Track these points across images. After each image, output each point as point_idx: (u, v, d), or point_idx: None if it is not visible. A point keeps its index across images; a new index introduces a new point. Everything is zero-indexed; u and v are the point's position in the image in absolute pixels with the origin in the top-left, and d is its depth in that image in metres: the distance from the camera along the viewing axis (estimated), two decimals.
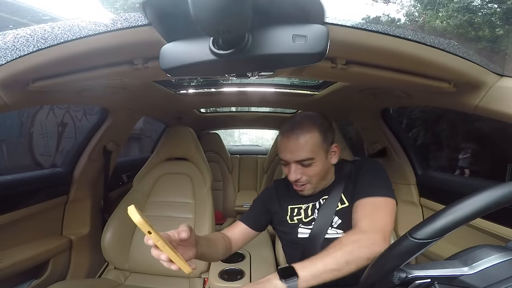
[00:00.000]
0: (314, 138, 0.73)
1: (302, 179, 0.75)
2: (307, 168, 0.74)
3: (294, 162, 0.74)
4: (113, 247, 1.18)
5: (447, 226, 0.37)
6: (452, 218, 0.38)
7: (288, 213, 0.81)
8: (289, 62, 0.43)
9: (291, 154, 0.73)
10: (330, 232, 0.75)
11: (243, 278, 0.85)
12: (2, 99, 0.65)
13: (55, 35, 0.53)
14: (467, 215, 0.37)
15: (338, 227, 0.76)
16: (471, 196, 0.38)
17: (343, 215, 0.76)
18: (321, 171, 0.76)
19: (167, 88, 1.22)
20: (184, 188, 1.32)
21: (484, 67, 0.60)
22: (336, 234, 0.75)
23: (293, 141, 0.73)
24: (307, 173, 0.74)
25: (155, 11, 0.44)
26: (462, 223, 0.37)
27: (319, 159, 0.74)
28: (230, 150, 2.59)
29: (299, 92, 1.41)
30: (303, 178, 0.75)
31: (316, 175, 0.75)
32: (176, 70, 0.44)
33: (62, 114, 3.56)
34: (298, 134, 0.73)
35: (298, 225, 0.79)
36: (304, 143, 0.72)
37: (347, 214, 0.74)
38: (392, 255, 0.43)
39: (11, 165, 2.98)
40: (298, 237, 0.78)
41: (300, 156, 0.72)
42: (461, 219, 0.37)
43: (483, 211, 0.37)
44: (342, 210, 0.76)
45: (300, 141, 0.72)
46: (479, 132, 3.41)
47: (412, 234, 0.39)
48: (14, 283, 0.98)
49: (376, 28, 0.49)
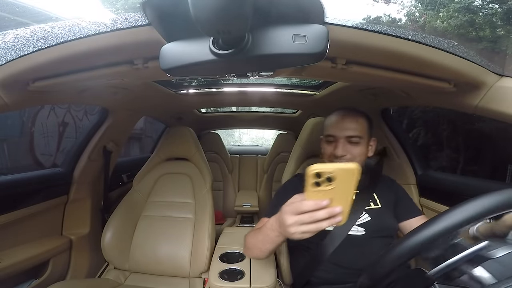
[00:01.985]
0: (365, 122, 0.84)
1: (347, 156, 0.80)
2: (354, 146, 0.80)
3: (344, 137, 0.80)
4: (113, 247, 1.18)
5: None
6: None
7: None
8: (289, 62, 0.43)
9: (343, 130, 0.81)
10: (353, 229, 0.78)
11: (243, 278, 0.85)
12: (2, 99, 0.65)
13: (55, 35, 0.53)
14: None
15: (362, 225, 0.78)
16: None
17: (374, 215, 0.80)
18: (363, 154, 0.82)
19: (167, 88, 1.22)
20: (184, 188, 1.32)
21: (484, 67, 0.60)
22: (358, 231, 0.78)
23: (348, 119, 0.82)
24: (352, 152, 0.80)
25: (155, 11, 0.44)
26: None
27: (364, 143, 0.82)
28: (230, 150, 2.58)
29: (299, 92, 1.41)
30: (348, 156, 0.80)
31: (359, 155, 0.81)
32: (176, 70, 0.44)
33: (63, 114, 3.56)
34: (354, 115, 0.83)
35: None
36: (357, 123, 0.81)
37: (378, 215, 0.80)
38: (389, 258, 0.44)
39: (12, 165, 2.98)
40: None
41: (352, 132, 0.80)
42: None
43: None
44: (373, 210, 0.81)
45: (355, 120, 0.82)
46: (480, 132, 3.40)
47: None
48: (14, 283, 0.98)
49: (376, 28, 0.49)
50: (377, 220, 0.79)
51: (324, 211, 0.44)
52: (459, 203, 0.40)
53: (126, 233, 1.22)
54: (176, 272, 1.17)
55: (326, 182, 0.43)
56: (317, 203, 0.44)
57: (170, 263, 1.17)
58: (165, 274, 1.18)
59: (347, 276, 0.74)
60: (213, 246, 1.13)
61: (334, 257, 0.75)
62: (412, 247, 0.40)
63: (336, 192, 0.43)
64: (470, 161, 3.60)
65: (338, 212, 0.44)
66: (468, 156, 3.64)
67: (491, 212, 0.37)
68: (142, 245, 1.20)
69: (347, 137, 0.80)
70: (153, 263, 1.18)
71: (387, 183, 0.91)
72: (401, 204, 0.85)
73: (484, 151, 3.45)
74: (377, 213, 0.80)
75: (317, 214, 0.45)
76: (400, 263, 0.42)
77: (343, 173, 0.42)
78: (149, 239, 1.21)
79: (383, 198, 0.84)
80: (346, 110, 0.85)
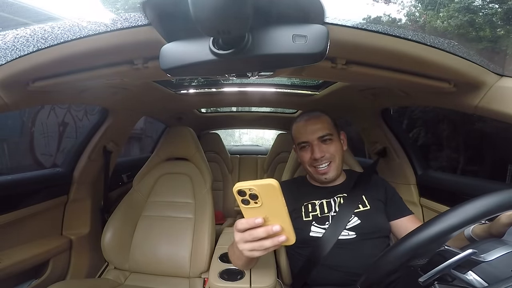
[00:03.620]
0: (328, 119, 0.86)
1: (326, 156, 0.81)
2: (328, 145, 0.82)
3: (316, 140, 0.82)
4: (113, 247, 1.18)
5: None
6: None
7: (303, 209, 0.83)
8: (289, 62, 0.43)
9: (312, 133, 0.82)
10: (343, 233, 0.76)
11: (243, 278, 0.85)
12: (2, 99, 0.65)
13: (55, 35, 0.53)
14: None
15: (352, 228, 0.77)
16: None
17: (363, 217, 0.78)
18: (339, 150, 0.84)
19: (167, 88, 1.22)
20: (184, 188, 1.32)
21: (484, 67, 0.60)
22: (348, 236, 0.76)
23: (312, 120, 0.84)
24: (329, 150, 0.82)
25: (155, 11, 0.44)
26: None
27: (335, 139, 0.84)
28: (230, 150, 2.58)
29: (299, 92, 1.41)
30: (327, 155, 0.81)
31: (337, 152, 0.83)
32: (176, 70, 0.44)
33: (63, 114, 3.56)
34: (315, 116, 0.85)
35: (311, 223, 0.80)
36: (321, 122, 0.83)
37: (368, 217, 0.78)
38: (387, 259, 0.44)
39: (12, 165, 2.98)
40: (310, 235, 0.78)
41: (320, 132, 0.82)
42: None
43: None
44: (362, 212, 0.79)
45: (319, 120, 0.84)
46: (480, 132, 3.40)
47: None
48: (14, 283, 0.98)
49: (376, 28, 0.49)
50: (368, 223, 0.78)
51: (261, 230, 0.44)
52: (459, 204, 0.40)
53: (126, 233, 1.22)
54: (176, 272, 1.17)
55: (253, 200, 0.43)
56: (249, 220, 0.44)
57: (170, 263, 1.17)
58: (165, 274, 1.18)
59: (344, 279, 0.74)
60: (213, 246, 1.13)
61: (328, 261, 0.75)
62: (413, 247, 0.40)
63: (267, 210, 0.43)
64: (470, 161, 3.60)
65: (277, 231, 0.43)
66: (468, 156, 3.63)
67: (492, 213, 0.38)
68: (142, 245, 1.20)
69: (318, 138, 0.82)
70: (153, 263, 1.18)
71: (376, 182, 0.89)
72: (391, 203, 0.84)
73: (484, 151, 3.44)
74: (367, 215, 0.79)
75: (255, 233, 0.44)
76: (401, 264, 0.42)
77: (263, 188, 0.42)
78: (149, 239, 1.21)
79: (372, 199, 0.83)
80: (306, 115, 0.87)
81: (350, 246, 0.75)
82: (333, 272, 0.75)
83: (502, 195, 0.38)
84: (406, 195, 1.21)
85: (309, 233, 0.78)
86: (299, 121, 0.87)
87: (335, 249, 0.74)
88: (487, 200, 0.38)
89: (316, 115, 0.86)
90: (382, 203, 0.83)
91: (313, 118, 0.85)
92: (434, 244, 0.40)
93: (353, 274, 0.72)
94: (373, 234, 0.77)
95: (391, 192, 0.87)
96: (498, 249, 0.41)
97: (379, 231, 0.78)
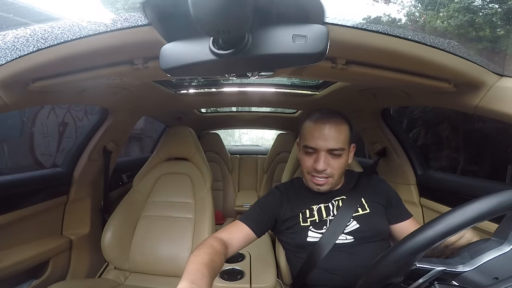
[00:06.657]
0: (347, 131, 0.75)
1: (327, 170, 0.74)
2: (335, 159, 0.74)
3: (325, 150, 0.73)
4: (113, 247, 1.18)
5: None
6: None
7: (300, 216, 0.80)
8: (289, 62, 0.43)
9: (325, 141, 0.72)
10: (340, 237, 0.75)
11: (243, 278, 0.85)
12: (2, 99, 0.65)
13: (55, 35, 0.53)
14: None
15: (350, 233, 0.75)
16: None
17: (362, 221, 0.76)
18: (344, 166, 0.77)
19: (167, 88, 1.22)
20: (184, 188, 1.32)
21: (484, 67, 0.60)
22: (346, 240, 0.75)
23: (329, 129, 0.72)
24: (333, 165, 0.74)
25: (155, 11, 0.44)
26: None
27: (346, 154, 0.75)
28: (230, 150, 2.59)
29: (299, 92, 1.41)
30: (329, 170, 0.74)
31: (340, 168, 0.76)
32: (176, 70, 0.44)
33: (63, 114, 3.56)
34: (336, 123, 0.73)
35: (308, 228, 0.78)
36: (340, 133, 0.73)
37: (367, 221, 0.76)
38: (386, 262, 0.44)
39: (12, 165, 2.98)
40: (307, 240, 0.77)
41: (334, 144, 0.72)
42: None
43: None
44: (361, 216, 0.77)
45: (338, 129, 0.73)
46: (480, 132, 3.40)
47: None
48: (14, 283, 0.98)
49: (376, 28, 0.49)
50: (366, 226, 0.75)
51: None
52: (459, 205, 0.40)
53: (126, 233, 1.22)
54: (176, 272, 1.17)
55: None
56: None
57: (170, 263, 1.17)
58: (165, 274, 1.18)
59: (342, 282, 0.73)
60: None
61: (326, 264, 0.74)
62: (412, 249, 0.40)
63: None
64: (470, 161, 3.60)
65: None
66: (468, 156, 3.64)
67: (492, 213, 0.37)
68: (142, 245, 1.20)
69: (328, 150, 0.73)
70: (153, 263, 1.18)
71: (377, 184, 0.86)
72: (392, 207, 0.81)
73: (484, 151, 3.45)
74: (366, 219, 0.76)
75: None
76: (400, 266, 0.42)
77: None
78: (149, 239, 1.21)
79: (371, 202, 0.80)
80: (326, 115, 0.75)
81: (348, 249, 0.74)
82: (331, 275, 0.74)
83: (502, 196, 0.38)
84: (406, 195, 1.20)
85: (306, 238, 0.77)
86: (315, 121, 0.75)
87: (333, 252, 0.73)
88: (486, 201, 0.38)
89: (336, 121, 0.74)
90: (382, 206, 0.81)
91: (331, 123, 0.73)
92: (419, 254, 0.41)
93: (351, 277, 0.71)
94: (372, 238, 0.76)
95: (392, 195, 0.84)
96: (480, 257, 0.42)
97: (379, 234, 0.77)
